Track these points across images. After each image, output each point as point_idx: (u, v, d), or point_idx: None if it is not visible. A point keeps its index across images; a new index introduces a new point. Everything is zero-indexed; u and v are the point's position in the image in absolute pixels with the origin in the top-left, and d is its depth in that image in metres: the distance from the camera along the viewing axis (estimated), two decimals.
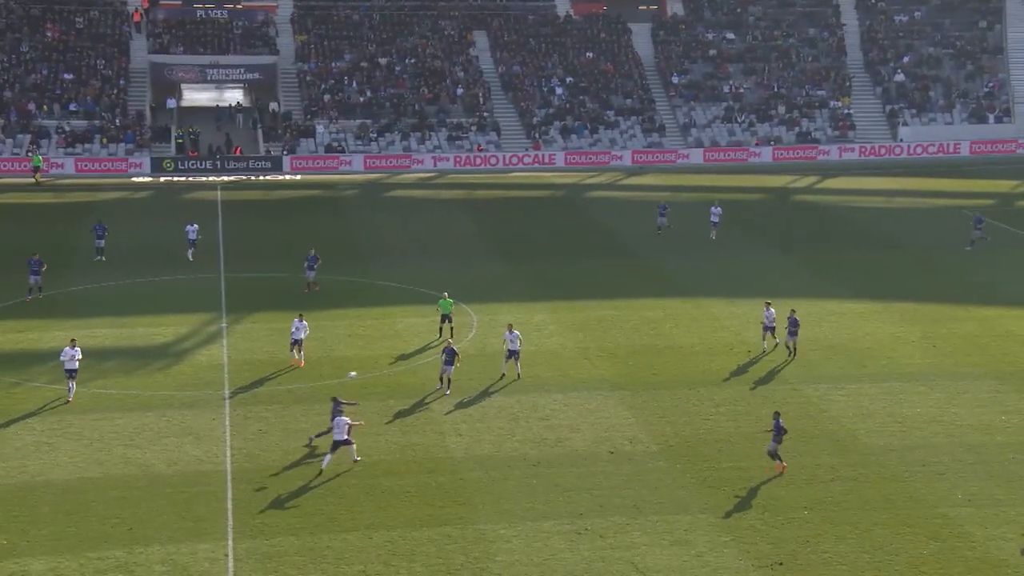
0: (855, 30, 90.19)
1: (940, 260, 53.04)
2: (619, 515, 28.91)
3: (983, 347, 40.73)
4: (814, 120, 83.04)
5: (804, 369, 39.02)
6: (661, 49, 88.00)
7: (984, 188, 69.33)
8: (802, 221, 61.97)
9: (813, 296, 47.09)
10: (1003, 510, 28.95)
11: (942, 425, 34.13)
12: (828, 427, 34.26)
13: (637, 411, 35.49)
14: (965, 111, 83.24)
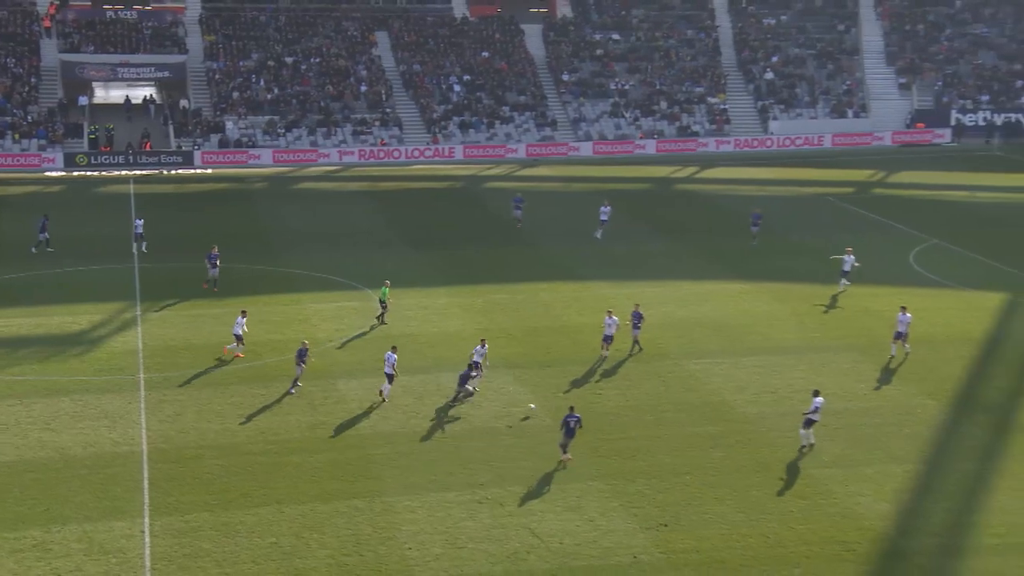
0: (728, 32, 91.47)
1: (807, 243, 54.12)
2: (517, 485, 29.00)
3: (844, 322, 41.69)
4: (693, 115, 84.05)
5: (687, 345, 39.52)
6: (552, 49, 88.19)
7: (844, 177, 70.95)
8: (684, 208, 62.74)
9: (695, 278, 47.70)
10: (861, 469, 29.73)
11: (804, 395, 34.71)
12: (709, 398, 34.77)
13: (533, 387, 35.60)
14: (827, 107, 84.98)
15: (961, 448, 31.08)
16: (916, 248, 51.96)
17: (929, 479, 29.26)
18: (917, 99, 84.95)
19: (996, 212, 60.59)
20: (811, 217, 59.63)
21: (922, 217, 58.35)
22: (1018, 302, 43.66)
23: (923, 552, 25.93)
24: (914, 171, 72.37)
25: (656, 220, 59.16)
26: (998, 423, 32.60)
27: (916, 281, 46.62)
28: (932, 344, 38.82)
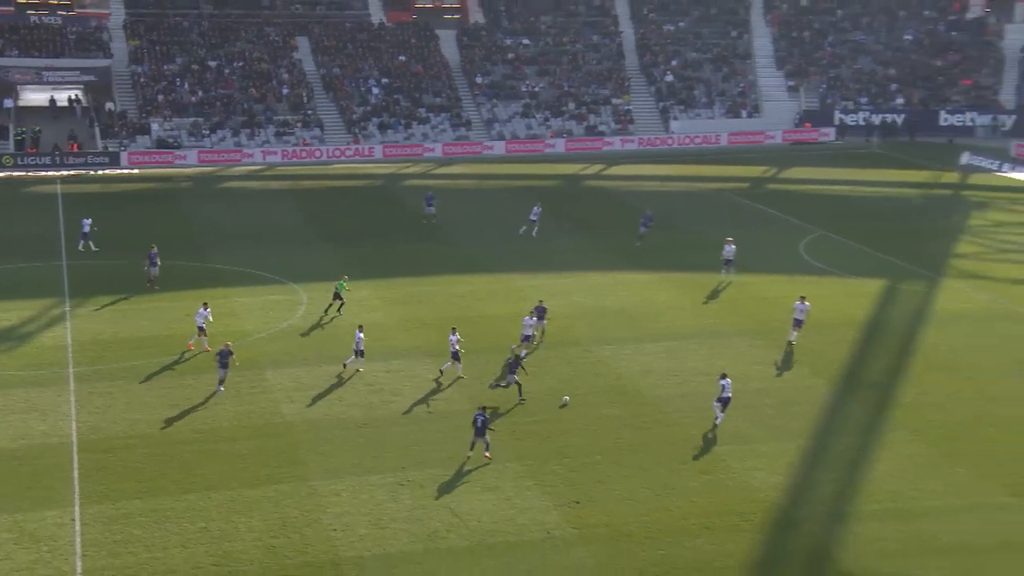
0: (631, 37, 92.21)
1: (706, 235, 54.86)
2: (437, 467, 28.97)
3: (740, 309, 42.37)
4: (600, 115, 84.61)
5: (596, 332, 39.82)
6: (465, 53, 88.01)
7: (740, 173, 72.08)
8: (591, 204, 63.19)
9: (602, 269, 48.07)
10: (756, 446, 30.30)
11: (710, 376, 35.31)
12: (617, 382, 35.09)
13: (452, 375, 35.51)
14: (723, 107, 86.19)
15: (846, 424, 31.85)
16: (805, 239, 53.00)
17: (817, 453, 29.93)
18: (804, 100, 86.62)
19: (875, 205, 62.12)
20: (710, 211, 60.45)
21: (810, 210, 59.55)
22: (896, 288, 44.85)
23: (812, 520, 26.54)
24: (802, 167, 73.79)
25: (565, 215, 59.45)
26: (878, 400, 33.49)
27: (806, 270, 47.60)
28: (820, 328, 39.67)
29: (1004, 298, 43.12)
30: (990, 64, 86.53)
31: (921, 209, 61.09)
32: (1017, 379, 34.55)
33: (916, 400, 33.14)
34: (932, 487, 27.60)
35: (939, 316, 41.27)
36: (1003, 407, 32.39)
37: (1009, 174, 69.50)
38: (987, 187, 66.68)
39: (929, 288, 44.87)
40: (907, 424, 31.41)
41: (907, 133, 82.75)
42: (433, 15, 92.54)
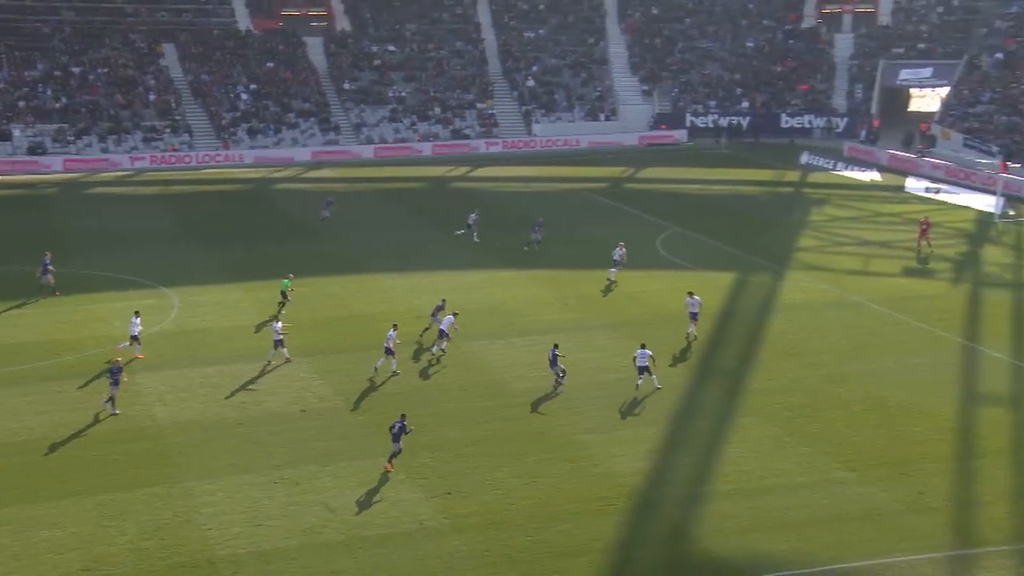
0: (493, 44, 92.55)
1: (567, 233, 55.50)
2: (311, 464, 28.54)
3: (601, 303, 43.00)
4: (465, 119, 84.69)
5: (467, 328, 39.77)
6: (333, 60, 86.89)
7: (599, 173, 73.17)
8: (459, 205, 63.21)
9: (470, 267, 48.12)
10: (618, 433, 30.81)
11: (574, 368, 35.75)
12: (486, 377, 35.18)
13: (325, 374, 35.10)
14: (582, 111, 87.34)
15: (702, 409, 32.67)
16: (661, 235, 54.13)
17: (675, 437, 30.62)
18: (658, 104, 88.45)
19: (725, 203, 63.89)
20: (572, 210, 61.15)
21: (665, 208, 60.86)
22: (745, 280, 46.24)
23: (671, 501, 27.14)
24: (657, 167, 75.39)
25: (433, 216, 59.34)
26: (730, 386, 34.45)
27: (663, 265, 48.60)
28: (678, 320, 40.55)
29: (840, 288, 44.94)
30: (823, 70, 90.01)
31: (766, 206, 63.14)
32: (854, 363, 36.02)
33: (764, 385, 34.22)
34: (779, 466, 28.54)
35: (784, 306, 42.71)
36: (841, 389, 33.74)
37: (843, 172, 72.46)
38: (824, 185, 69.36)
39: (774, 280, 46.40)
40: (756, 408, 32.41)
41: (752, 134, 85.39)
42: (300, 22, 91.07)
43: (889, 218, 59.07)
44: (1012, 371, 35.07)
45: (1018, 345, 37.52)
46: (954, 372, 35.05)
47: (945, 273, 47.78)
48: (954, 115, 78.59)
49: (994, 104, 76.79)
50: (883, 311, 41.56)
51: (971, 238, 54.21)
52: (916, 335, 38.76)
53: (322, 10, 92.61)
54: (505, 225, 56.91)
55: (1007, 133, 72.76)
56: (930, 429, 30.61)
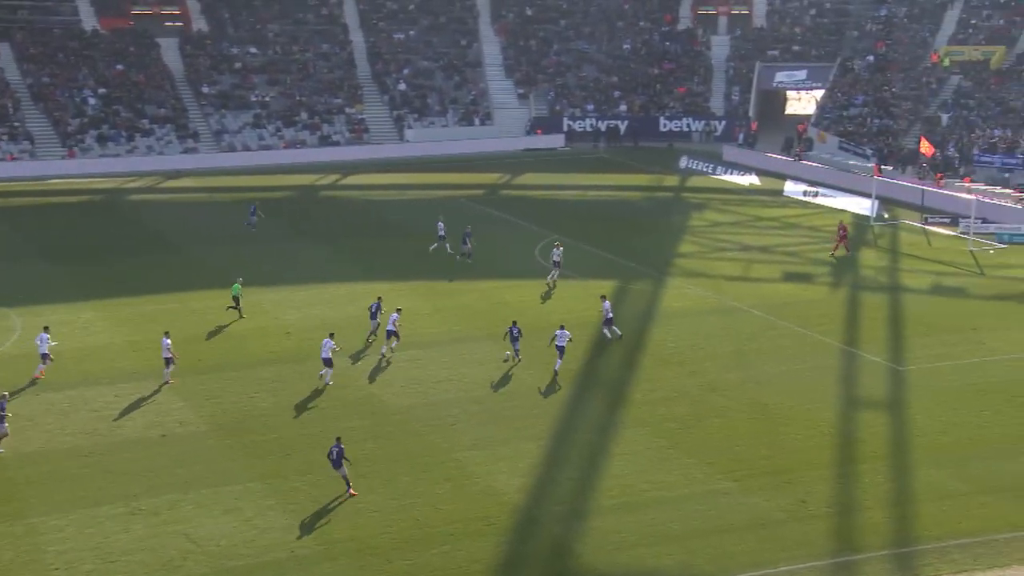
0: (362, 46, 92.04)
1: (446, 242, 55.48)
2: (171, 492, 27.79)
3: (481, 314, 43.13)
4: (333, 125, 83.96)
5: (338, 343, 39.34)
6: (189, 62, 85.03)
7: (475, 180, 73.47)
8: (328, 214, 62.59)
9: (341, 280, 47.66)
10: (499, 448, 30.94)
11: (453, 383, 35.81)
12: (360, 394, 34.89)
13: (187, 395, 34.25)
14: (456, 115, 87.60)
15: (584, 422, 33.06)
16: (540, 243, 54.63)
17: (557, 452, 30.90)
18: (534, 108, 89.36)
19: (603, 208, 64.92)
20: (448, 218, 61.11)
21: (544, 214, 61.47)
22: (626, 288, 47.04)
23: (553, 518, 27.36)
24: (535, 173, 76.12)
25: (302, 226, 58.60)
26: (613, 397, 34.97)
27: (542, 273, 49.04)
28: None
29: (721, 294, 46.14)
30: (701, 73, 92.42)
31: (645, 211, 64.42)
32: (735, 370, 37.01)
33: (646, 396, 34.85)
34: (663, 478, 29.09)
35: (665, 313, 43.60)
36: (723, 397, 34.62)
37: (721, 176, 74.50)
38: (704, 189, 71.16)
39: (655, 287, 47.34)
40: (639, 419, 32.97)
41: (630, 138, 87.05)
42: (152, 22, 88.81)
43: (768, 222, 60.98)
44: (889, 375, 36.58)
45: (894, 348, 39.18)
46: (834, 377, 36.36)
47: (823, 277, 49.56)
48: (829, 118, 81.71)
49: (867, 107, 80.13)
50: (763, 317, 42.85)
51: (848, 241, 56.38)
52: (796, 340, 40.07)
53: (176, 9, 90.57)
54: (378, 234, 56.59)
55: (880, 136, 76.02)
56: (811, 435, 31.67)
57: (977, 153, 69.39)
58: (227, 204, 63.64)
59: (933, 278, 48.94)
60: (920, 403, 33.95)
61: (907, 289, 47.20)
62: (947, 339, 40.02)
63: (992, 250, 53.92)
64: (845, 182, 69.34)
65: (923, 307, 44.36)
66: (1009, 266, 51.17)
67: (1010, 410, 33.36)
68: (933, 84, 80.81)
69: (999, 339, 39.94)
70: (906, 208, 63.07)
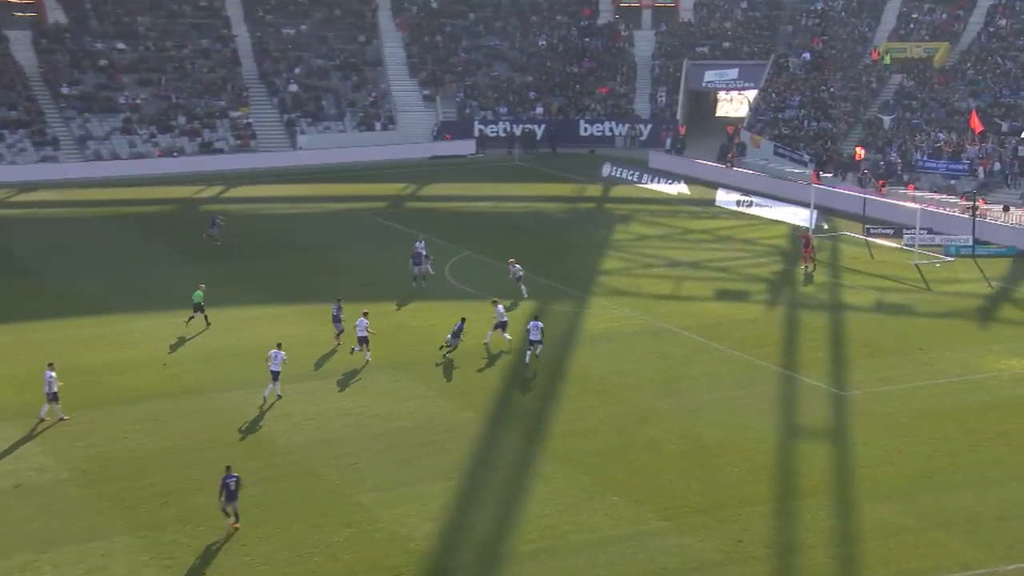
0: (247, 42, 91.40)
1: (344, 261, 55.25)
2: (26, 552, 27.08)
3: (382, 340, 42.89)
4: (216, 130, 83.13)
5: (222, 376, 38.92)
6: (45, 58, 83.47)
7: (377, 191, 73.30)
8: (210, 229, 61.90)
9: (228, 304, 47.09)
10: (405, 490, 30.81)
11: (353, 417, 35.61)
12: (248, 431, 34.46)
13: (45, 438, 33.47)
14: (355, 119, 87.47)
15: (500, 458, 33.10)
16: (451, 260, 54.70)
17: (470, 492, 30.89)
18: (441, 111, 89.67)
19: (519, 221, 65.29)
20: (348, 234, 60.92)
21: (453, 229, 61.56)
22: (545, 309, 47.30)
23: (467, 566, 27.31)
24: (443, 183, 76.28)
25: (181, 244, 57.79)
26: (531, 430, 35.08)
27: (452, 294, 49.06)
28: (474, 357, 41.05)
29: (649, 315, 46.69)
30: (624, 72, 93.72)
31: (566, 224, 64.92)
32: (665, 398, 37.46)
33: (568, 428, 35.05)
34: (587, 519, 29.27)
35: (588, 336, 43.96)
36: (652, 428, 34.99)
37: (648, 185, 75.51)
38: (629, 199, 72.03)
39: (577, 307, 47.71)
40: (561, 454, 33.14)
41: (548, 144, 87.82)
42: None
43: (699, 235, 61.95)
44: (831, 401, 37.36)
45: (836, 372, 40.05)
46: (771, 404, 37.01)
47: (759, 295, 50.48)
48: (763, 120, 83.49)
49: (803, 108, 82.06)
50: (695, 339, 43.47)
51: (786, 256, 57.55)
52: (731, 365, 40.71)
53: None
54: (267, 253, 56.08)
55: (818, 140, 77.88)
56: (748, 469, 32.16)
57: (921, 158, 71.47)
58: (93, 220, 62.46)
59: (876, 295, 50.19)
60: (864, 431, 34.73)
61: (849, 307, 48.32)
62: (892, 361, 41.04)
63: (939, 263, 55.51)
64: (781, 190, 70.81)
65: (866, 326, 45.44)
66: (957, 281, 52.72)
67: (961, 438, 34.29)
68: (873, 83, 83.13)
69: (948, 360, 41.09)
70: (846, 218, 64.64)
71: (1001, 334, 44.55)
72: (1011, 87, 76.30)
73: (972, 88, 77.67)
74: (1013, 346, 42.61)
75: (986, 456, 32.90)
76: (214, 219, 59.11)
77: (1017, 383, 38.67)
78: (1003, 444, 33.71)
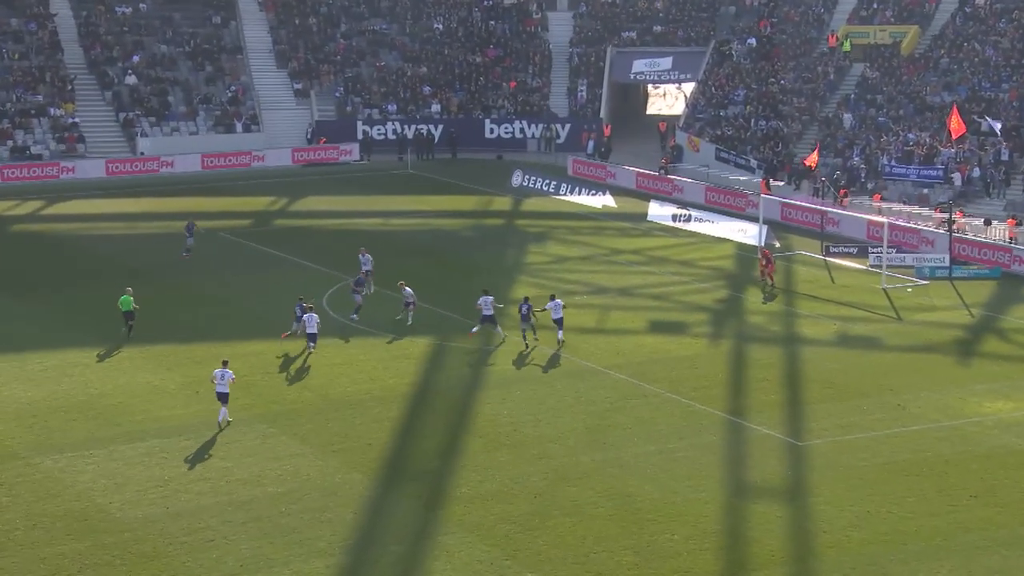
0: (70, 23, 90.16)
1: (196, 291, 54.66)
2: None
3: (250, 385, 42.51)
4: (32, 132, 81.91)
5: (42, 437, 38.27)
6: None
7: (238, 206, 72.73)
8: (27, 256, 60.77)
9: (49, 347, 46.39)
10: (277, 571, 30.54)
11: (210, 483, 35.19)
12: (74, 505, 33.88)
13: None
14: (210, 119, 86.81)
15: (391, 528, 33.00)
16: (331, 288, 54.48)
17: (357, 572, 30.74)
18: (317, 109, 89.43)
19: (413, 241, 65.35)
20: (202, 258, 60.28)
21: (335, 251, 61.29)
22: (446, 346, 47.33)
23: None
24: (321, 196, 76.01)
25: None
26: (430, 493, 35.02)
27: (332, 330, 48.81)
28: (357, 406, 40.88)
29: (571, 351, 46.96)
30: (536, 62, 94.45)
31: (469, 244, 65.07)
32: (591, 452, 37.68)
33: (475, 490, 35.07)
34: None
35: (498, 379, 44.07)
36: (575, 488, 35.15)
37: (567, 197, 76.04)
38: (544, 214, 72.50)
39: (484, 344, 47.79)
40: (465, 522, 33.14)
41: (448, 148, 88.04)
42: None
43: (629, 257, 62.55)
44: (787, 452, 37.92)
45: (792, 418, 40.66)
46: (716, 458, 37.41)
47: (700, 327, 51.10)
48: (703, 119, 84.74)
49: (750, 104, 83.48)
50: (626, 380, 43.82)
51: (732, 280, 58.34)
52: (669, 410, 41.11)
53: None
54: (100, 283, 55.35)
55: (767, 142, 79.24)
56: (690, 536, 32.46)
57: (888, 163, 73.04)
58: None
59: (839, 325, 51.09)
60: (826, 489, 35.25)
61: (807, 340, 49.10)
62: (859, 404, 41.77)
63: (910, 288, 56.68)
64: (725, 202, 71.83)
65: (827, 363, 46.21)
66: (932, 308, 53.89)
67: (940, 496, 34.92)
68: (831, 74, 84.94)
69: (923, 403, 41.93)
70: (803, 235, 65.77)
71: (984, 371, 45.61)
72: (991, 79, 78.38)
73: (946, 80, 79.71)
74: (998, 385, 43.65)
75: (969, 517, 33.56)
76: (190, 225, 59.90)
77: (1003, 430, 39.60)
78: (989, 503, 34.42)
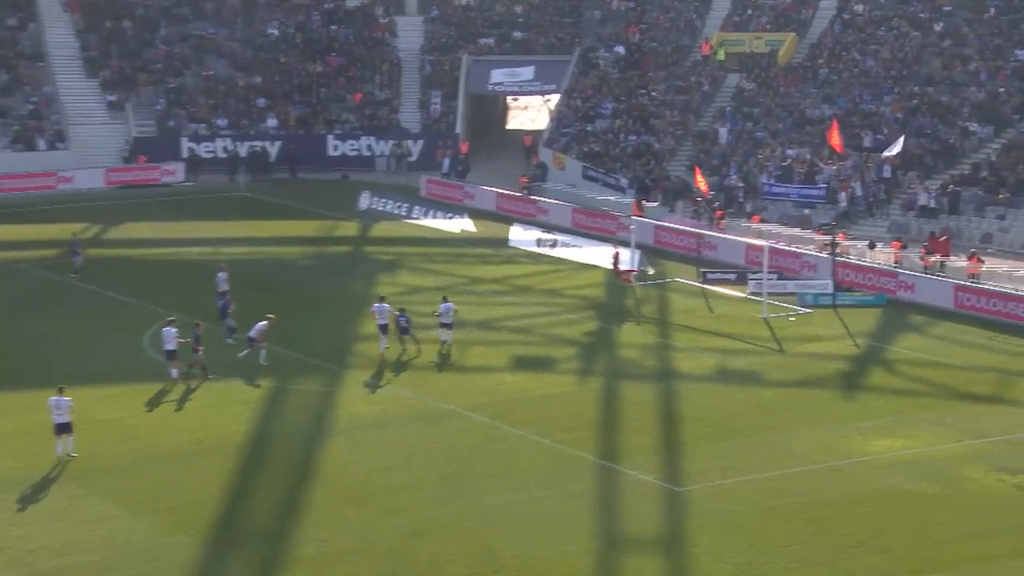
0: None
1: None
2: None
3: (48, 443, 41.53)
4: None
5: None
6: None
7: (41, 234, 71.62)
8: None
9: None
10: None
11: (9, 553, 34.33)
12: None
13: None
14: (7, 135, 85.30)
15: None
16: (152, 327, 53.86)
17: None
18: (135, 124, 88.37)
19: (249, 272, 64.79)
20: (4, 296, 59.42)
21: (156, 284, 60.65)
22: (284, 389, 47.09)
23: None
24: (140, 222, 75.19)
25: None
26: (268, 556, 34.80)
27: (151, 375, 48.27)
28: (186, 457, 40.46)
29: (425, 392, 47.10)
30: (384, 71, 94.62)
31: (311, 274, 64.90)
32: (449, 503, 37.76)
33: (320, 550, 34.89)
34: None
35: (344, 424, 44.00)
36: (431, 544, 35.01)
37: (421, 221, 76.24)
38: (396, 240, 72.57)
39: (329, 385, 47.71)
40: None
41: (287, 167, 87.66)
42: None
43: (489, 286, 62.90)
44: (664, 499, 38.41)
45: (669, 461, 41.22)
46: (587, 506, 37.74)
47: (569, 363, 51.57)
48: (568, 134, 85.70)
49: (619, 118, 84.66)
50: (487, 422, 44.05)
51: (602, 311, 58.99)
52: (534, 455, 41.39)
53: None
54: None
55: (638, 158, 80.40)
56: None
57: (767, 181, 74.62)
58: None
59: (717, 359, 51.98)
60: (705, 538, 35.76)
61: (683, 376, 49.86)
62: (738, 444, 42.51)
63: (793, 317, 57.90)
64: (594, 224, 72.63)
65: (705, 400, 46.97)
66: (816, 338, 55.11)
67: (825, 543, 35.60)
68: (705, 85, 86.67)
69: (807, 441, 42.81)
70: (678, 260, 66.81)
71: (870, 407, 46.72)
72: (872, 91, 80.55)
73: (826, 92, 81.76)
74: (884, 421, 44.74)
75: (857, 565, 34.28)
76: (74, 241, 60.68)
77: (891, 469, 40.51)
78: (878, 549, 35.19)
